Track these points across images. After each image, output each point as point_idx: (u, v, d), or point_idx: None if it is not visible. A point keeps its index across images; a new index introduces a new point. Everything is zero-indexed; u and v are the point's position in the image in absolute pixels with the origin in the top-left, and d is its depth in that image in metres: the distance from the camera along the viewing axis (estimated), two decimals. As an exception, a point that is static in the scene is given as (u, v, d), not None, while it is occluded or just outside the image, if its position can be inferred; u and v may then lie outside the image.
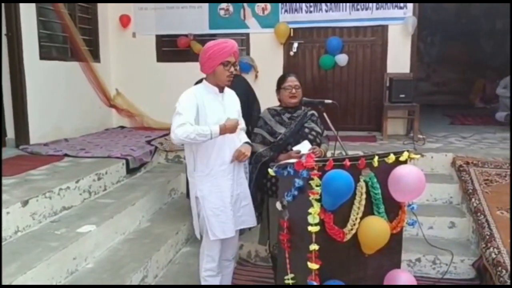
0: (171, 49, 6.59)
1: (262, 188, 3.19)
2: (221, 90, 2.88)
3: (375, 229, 2.48)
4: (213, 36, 6.53)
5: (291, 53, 6.22)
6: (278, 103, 3.28)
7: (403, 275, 2.70)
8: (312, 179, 2.38)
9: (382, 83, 6.06)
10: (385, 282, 2.68)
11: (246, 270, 3.86)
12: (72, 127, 5.76)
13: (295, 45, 6.19)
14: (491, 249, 3.39)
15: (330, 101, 3.14)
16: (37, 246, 2.85)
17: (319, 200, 2.36)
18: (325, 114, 3.16)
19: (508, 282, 3.06)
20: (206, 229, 2.85)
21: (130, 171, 4.58)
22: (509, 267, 3.16)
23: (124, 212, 3.61)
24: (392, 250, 2.69)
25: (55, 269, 2.74)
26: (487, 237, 3.54)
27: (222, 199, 2.83)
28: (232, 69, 2.80)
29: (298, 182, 2.46)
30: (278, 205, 2.66)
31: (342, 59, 6.01)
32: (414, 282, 2.68)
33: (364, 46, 6.14)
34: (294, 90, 3.15)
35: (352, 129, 6.01)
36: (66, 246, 2.88)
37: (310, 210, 2.37)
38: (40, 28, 5.28)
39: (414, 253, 3.76)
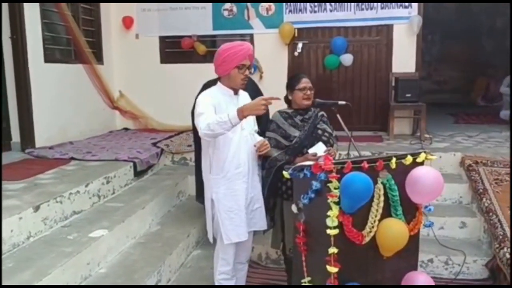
0: (174, 50, 6.57)
1: (277, 192, 3.16)
2: (236, 92, 2.85)
3: (394, 232, 2.46)
4: (217, 37, 6.56)
5: (296, 54, 6.20)
6: (285, 105, 3.25)
7: (421, 277, 2.69)
8: (330, 181, 2.36)
9: (388, 83, 6.06)
10: (403, 284, 2.67)
11: (258, 273, 3.84)
12: (77, 130, 5.73)
13: (300, 45, 6.17)
14: (505, 249, 3.37)
15: (344, 102, 3.13)
16: (50, 251, 2.81)
17: (337, 203, 2.35)
18: (338, 116, 3.16)
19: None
20: (220, 233, 2.83)
21: (138, 174, 4.55)
22: (524, 267, 3.15)
23: (134, 216, 3.58)
24: (409, 252, 2.67)
25: (69, 274, 2.71)
26: (500, 237, 3.52)
27: (237, 202, 2.81)
28: (247, 72, 2.77)
29: (316, 184, 2.43)
30: (294, 208, 2.63)
31: (347, 59, 5.99)
32: (432, 283, 2.66)
33: (369, 46, 6.13)
34: (309, 92, 3.12)
35: (358, 129, 5.97)
36: (79, 251, 2.85)
37: (328, 213, 2.35)
38: (44, 31, 5.25)
39: (426, 254, 3.74)
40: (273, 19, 6.11)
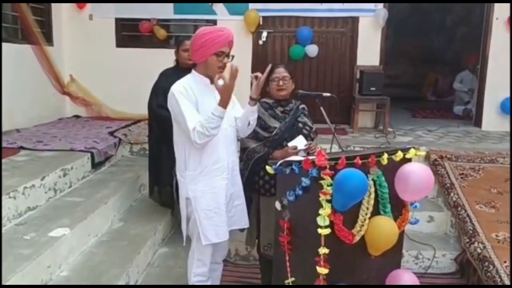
0: (132, 34, 6.19)
1: (253, 187, 3.01)
2: (212, 81, 2.64)
3: (384, 230, 2.38)
4: (178, 22, 6.26)
5: (260, 42, 6.03)
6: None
7: (405, 275, 2.64)
8: (323, 178, 2.24)
9: (352, 76, 6.04)
10: (387, 283, 2.61)
11: (227, 270, 3.66)
12: (24, 117, 5.25)
13: (265, 34, 6.00)
14: (476, 244, 3.42)
15: (328, 94, 3.03)
16: (6, 254, 2.49)
17: (329, 201, 2.23)
18: (322, 108, 3.05)
19: (496, 277, 3.09)
20: (198, 233, 2.63)
21: (95, 165, 4.23)
22: (495, 263, 3.20)
23: (97, 212, 3.29)
24: (394, 250, 2.60)
25: (29, 280, 2.41)
26: (470, 231, 3.57)
27: (216, 201, 2.61)
28: (225, 60, 2.56)
29: (305, 181, 2.30)
30: (278, 205, 2.49)
31: (312, 49, 5.91)
32: (417, 282, 2.62)
33: (334, 37, 6.07)
34: (281, 82, 2.98)
35: (320, 122, 5.92)
36: (40, 253, 2.55)
37: (320, 212, 2.23)
38: (-13, 6, 4.74)
39: (397, 249, 3.73)
40: (237, 6, 5.88)
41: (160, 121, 3.43)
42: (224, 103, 2.41)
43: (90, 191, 3.71)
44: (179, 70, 2.61)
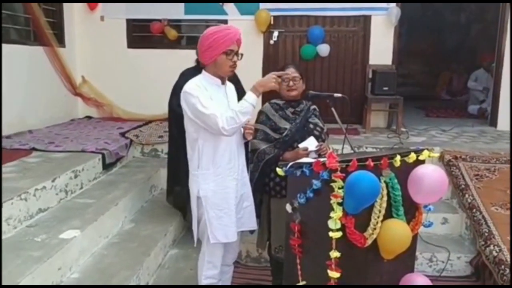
0: (143, 34, 6.19)
1: (264, 188, 2.98)
2: (223, 81, 2.62)
3: (398, 234, 2.34)
4: (189, 22, 6.25)
5: (271, 42, 5.99)
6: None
7: (419, 279, 2.60)
8: (334, 181, 2.20)
9: (364, 75, 5.96)
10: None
11: (238, 272, 3.62)
12: (36, 118, 5.28)
13: (276, 33, 5.96)
14: (491, 246, 3.35)
15: (340, 94, 2.98)
16: (17, 256, 2.50)
17: (340, 204, 2.19)
18: (333, 109, 3.01)
19: (513, 281, 3.02)
20: (208, 234, 2.61)
21: (106, 166, 4.23)
22: (512, 266, 3.12)
23: (108, 214, 3.29)
24: (407, 253, 2.56)
25: (40, 282, 2.41)
26: (486, 234, 3.49)
27: (227, 201, 2.60)
28: (235, 58, 2.54)
29: (316, 183, 2.27)
30: (288, 207, 2.46)
31: (323, 49, 5.85)
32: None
33: (346, 37, 5.99)
34: (291, 83, 2.95)
35: (332, 122, 5.87)
36: (50, 255, 2.54)
37: (331, 215, 2.20)
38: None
39: (411, 251, 3.67)
40: (248, 5, 5.84)
41: (180, 120, 3.42)
42: (257, 91, 2.45)
43: (101, 192, 3.72)
44: (199, 70, 2.61)
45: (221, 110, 2.42)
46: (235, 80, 3.71)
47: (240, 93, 3.64)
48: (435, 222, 4.01)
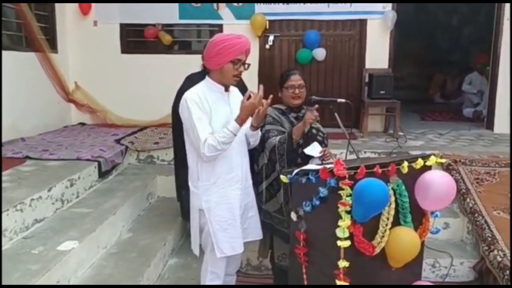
0: (137, 39, 6.12)
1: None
2: (227, 89, 2.57)
3: (406, 241, 2.30)
4: (184, 27, 6.19)
5: (267, 46, 5.94)
6: None
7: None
8: (342, 188, 2.15)
9: (360, 79, 5.94)
10: (409, 295, 2.52)
11: (238, 281, 3.53)
12: (29, 125, 5.17)
13: (271, 38, 5.91)
14: (495, 251, 3.31)
15: (343, 100, 2.94)
16: (15, 270, 2.41)
17: (348, 212, 2.14)
18: (336, 114, 2.97)
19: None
20: (211, 245, 2.54)
21: (102, 174, 4.15)
22: (517, 271, 3.09)
23: (106, 223, 3.21)
24: (414, 261, 2.51)
25: (38, 297, 2.33)
26: (489, 239, 3.46)
27: (232, 212, 2.54)
28: (241, 68, 2.50)
29: (323, 191, 2.22)
30: (293, 216, 2.41)
31: (319, 53, 5.82)
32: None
33: (342, 40, 5.97)
34: (297, 91, 2.90)
35: (330, 126, 5.83)
36: (49, 268, 2.46)
37: (340, 223, 2.14)
38: (-9, 14, 4.68)
39: (414, 257, 3.63)
40: (244, 10, 5.80)
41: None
42: (241, 120, 2.40)
43: (98, 201, 3.63)
44: (205, 75, 2.56)
45: (210, 130, 2.39)
46: (241, 86, 3.66)
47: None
48: (437, 227, 4.00)
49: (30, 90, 5.21)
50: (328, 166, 2.23)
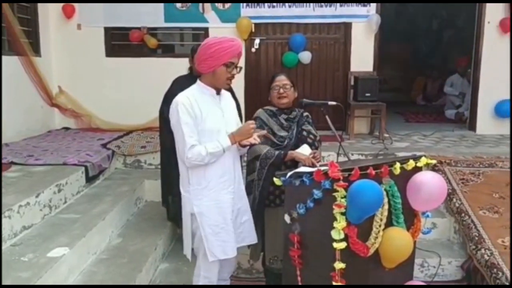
0: (122, 43, 6.06)
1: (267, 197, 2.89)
2: (218, 92, 2.57)
3: (400, 242, 2.33)
4: (169, 30, 6.17)
5: (253, 50, 5.96)
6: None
7: None
8: (336, 190, 2.17)
9: (346, 82, 6.00)
10: (402, 295, 2.55)
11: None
12: (13, 130, 5.07)
13: (257, 41, 5.93)
14: (483, 250, 3.38)
15: (334, 102, 2.97)
16: (5, 278, 2.36)
17: (343, 214, 2.16)
18: (327, 117, 2.99)
19: (507, 284, 3.05)
20: (204, 249, 2.53)
21: (89, 179, 4.10)
22: (504, 269, 3.15)
23: (95, 229, 3.16)
24: (406, 261, 2.55)
25: (29, 305, 2.29)
26: (476, 238, 3.53)
27: (223, 216, 2.53)
28: (234, 71, 2.50)
29: (317, 193, 2.24)
30: (287, 218, 2.42)
31: (305, 56, 5.86)
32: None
33: (327, 44, 6.02)
34: (282, 90, 2.95)
35: (320, 128, 5.86)
36: (40, 275, 2.41)
37: (335, 225, 2.17)
38: (-28, 17, 4.59)
39: (402, 257, 3.67)
40: (229, 13, 5.80)
41: (171, 129, 3.34)
42: (233, 139, 2.45)
43: (86, 206, 3.59)
44: (192, 78, 2.55)
45: (196, 137, 2.42)
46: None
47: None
48: (428, 227, 4.05)
49: (13, 94, 5.10)
50: (322, 168, 2.25)
